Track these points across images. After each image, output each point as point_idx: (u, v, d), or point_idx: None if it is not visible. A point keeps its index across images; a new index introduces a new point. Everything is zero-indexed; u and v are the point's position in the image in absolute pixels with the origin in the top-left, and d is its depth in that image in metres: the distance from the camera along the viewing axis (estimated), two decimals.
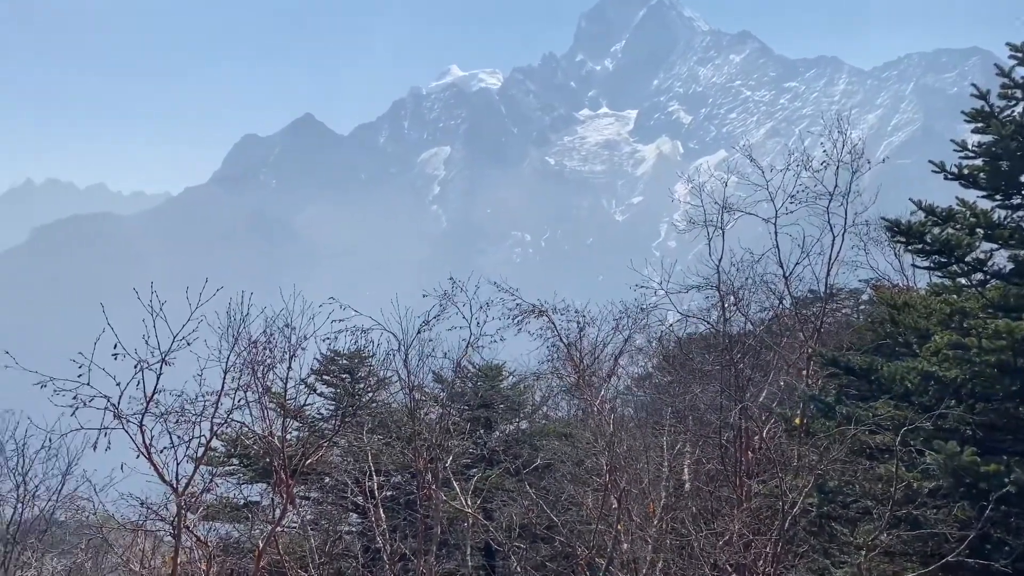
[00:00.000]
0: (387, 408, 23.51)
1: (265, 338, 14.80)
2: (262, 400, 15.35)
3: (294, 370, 15.53)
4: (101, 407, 12.08)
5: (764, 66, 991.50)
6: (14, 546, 14.82)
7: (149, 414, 12.70)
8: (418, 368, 20.16)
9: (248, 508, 22.29)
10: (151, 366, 12.40)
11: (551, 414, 31.68)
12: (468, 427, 24.01)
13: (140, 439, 12.68)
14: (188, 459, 13.64)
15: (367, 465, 18.74)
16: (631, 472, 18.13)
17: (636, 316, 27.49)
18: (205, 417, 13.67)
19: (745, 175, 22.66)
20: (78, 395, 11.87)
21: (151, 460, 12.94)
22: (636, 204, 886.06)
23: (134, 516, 16.27)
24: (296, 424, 21.37)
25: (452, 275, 19.23)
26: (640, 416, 25.17)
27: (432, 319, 18.66)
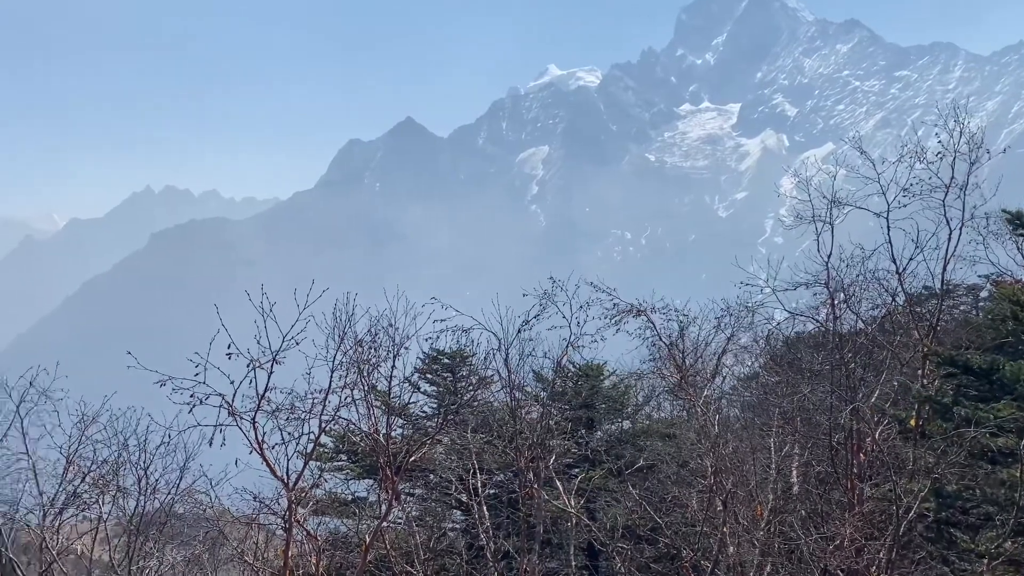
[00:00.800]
0: (488, 407, 23.67)
1: (370, 337, 15.10)
2: (368, 398, 15.67)
3: (398, 369, 15.80)
4: (216, 405, 12.58)
5: (873, 55, 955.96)
6: (137, 537, 15.56)
7: (261, 411, 13.14)
8: (519, 367, 20.24)
9: (355, 504, 22.81)
10: (263, 365, 12.83)
11: (654, 414, 31.31)
12: (569, 427, 23.97)
13: (253, 435, 13.14)
14: (298, 455, 14.04)
15: (470, 463, 18.91)
16: (737, 474, 17.74)
17: (740, 315, 26.85)
18: (314, 414, 14.05)
19: (854, 168, 21.82)
20: (195, 393, 12.39)
21: (263, 456, 13.39)
22: (740, 200, 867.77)
23: (247, 510, 16.87)
24: (401, 422, 21.75)
25: (551, 275, 19.20)
26: (746, 417, 24.61)
27: (532, 319, 18.68)
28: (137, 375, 12.81)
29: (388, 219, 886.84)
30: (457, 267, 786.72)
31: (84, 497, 15.44)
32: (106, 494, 15.66)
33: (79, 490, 15.30)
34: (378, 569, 18.16)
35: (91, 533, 15.71)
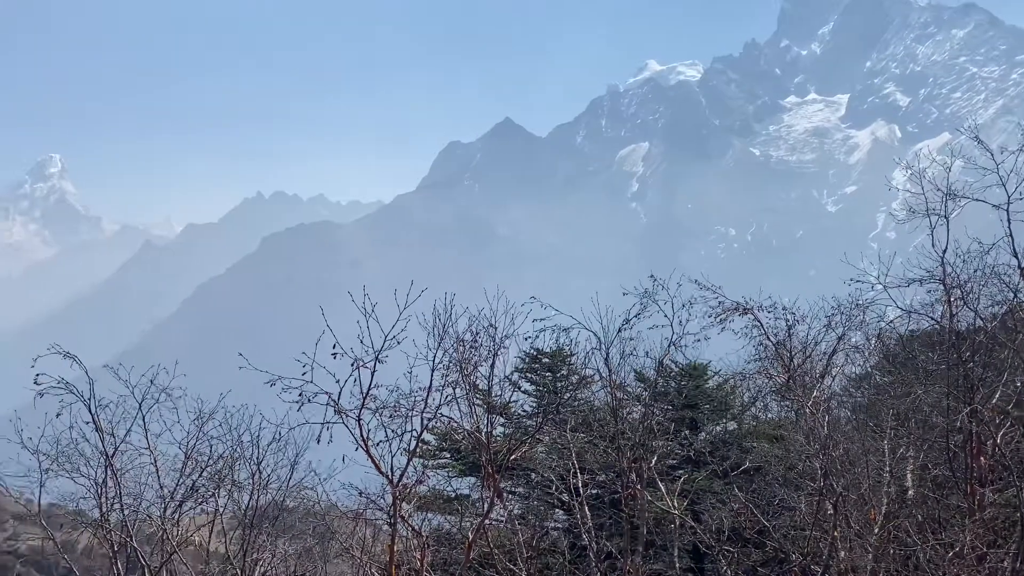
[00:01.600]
0: (589, 406, 23.57)
1: (471, 337, 15.25)
2: (470, 397, 15.83)
3: (498, 368, 15.91)
4: (323, 403, 12.95)
5: (992, 39, 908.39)
6: (251, 529, 16.13)
7: (366, 409, 13.45)
8: (620, 367, 20.05)
9: (459, 501, 23.08)
10: (366, 364, 13.13)
11: (760, 415, 30.58)
12: (672, 427, 23.64)
13: (358, 432, 13.47)
14: (402, 452, 14.30)
15: (571, 463, 18.88)
16: (848, 477, 17.15)
17: (851, 313, 25.92)
18: (416, 412, 14.28)
19: (972, 158, 20.77)
20: (303, 392, 12.78)
21: (368, 452, 13.70)
22: (850, 194, 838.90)
23: (354, 505, 17.29)
24: (502, 420, 21.88)
25: (653, 273, 18.96)
26: (858, 418, 23.76)
27: (633, 318, 18.48)
28: (249, 373, 13.30)
29: (488, 219, 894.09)
30: (557, 266, 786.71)
31: (202, 491, 16.09)
32: (222, 488, 16.28)
33: (197, 484, 15.95)
34: (481, 566, 18.33)
35: (208, 525, 16.38)
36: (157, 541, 15.71)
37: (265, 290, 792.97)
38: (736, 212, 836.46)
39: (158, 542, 15.69)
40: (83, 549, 16.84)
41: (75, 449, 14.99)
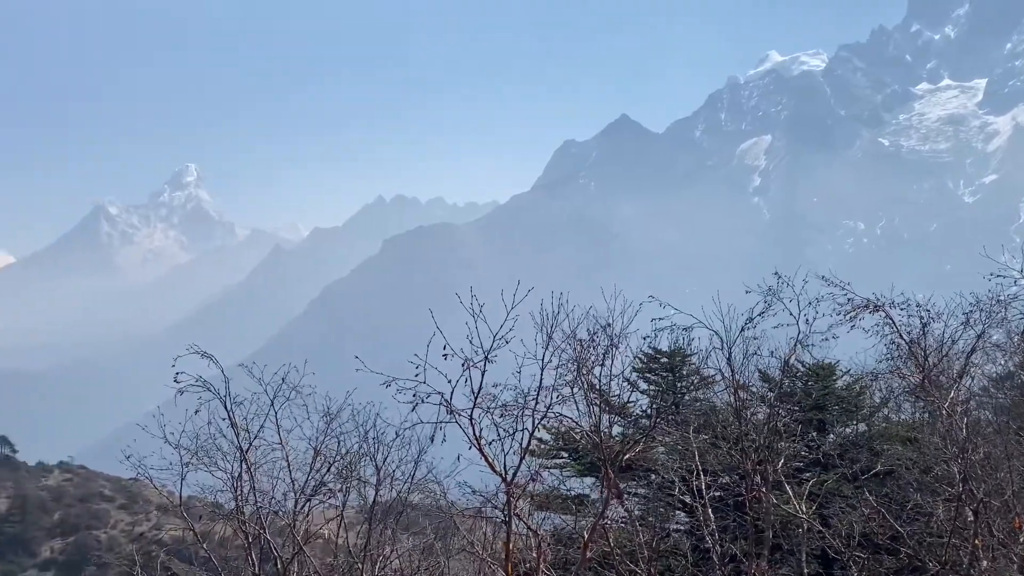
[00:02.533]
0: (711, 407, 23.10)
1: (589, 336, 15.18)
2: (588, 396, 15.77)
3: (616, 367, 15.77)
4: (436, 403, 13.16)
5: None
6: (375, 524, 16.52)
7: (477, 408, 13.59)
8: (742, 367, 19.56)
9: (576, 500, 23.03)
10: (476, 364, 13.27)
11: (892, 417, 29.26)
12: (799, 429, 22.90)
13: (471, 432, 13.62)
14: (516, 451, 14.38)
15: (693, 464, 18.55)
16: (990, 482, 16.19)
17: (991, 309, 24.45)
18: (528, 411, 14.32)
19: None
20: (416, 392, 13.02)
21: (482, 451, 13.83)
22: (989, 184, 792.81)
23: (474, 503, 17.48)
24: (620, 420, 21.71)
25: (777, 269, 18.40)
26: (1000, 420, 22.42)
27: (756, 316, 17.98)
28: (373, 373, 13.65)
29: (603, 217, 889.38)
30: (675, 264, 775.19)
31: (329, 486, 16.59)
32: (348, 484, 16.75)
33: (325, 479, 16.44)
34: (600, 567, 18.22)
35: (336, 520, 16.88)
36: (288, 534, 16.29)
37: (386, 291, 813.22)
38: (865, 205, 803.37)
39: (289, 534, 16.27)
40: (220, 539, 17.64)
41: (212, 444, 15.72)
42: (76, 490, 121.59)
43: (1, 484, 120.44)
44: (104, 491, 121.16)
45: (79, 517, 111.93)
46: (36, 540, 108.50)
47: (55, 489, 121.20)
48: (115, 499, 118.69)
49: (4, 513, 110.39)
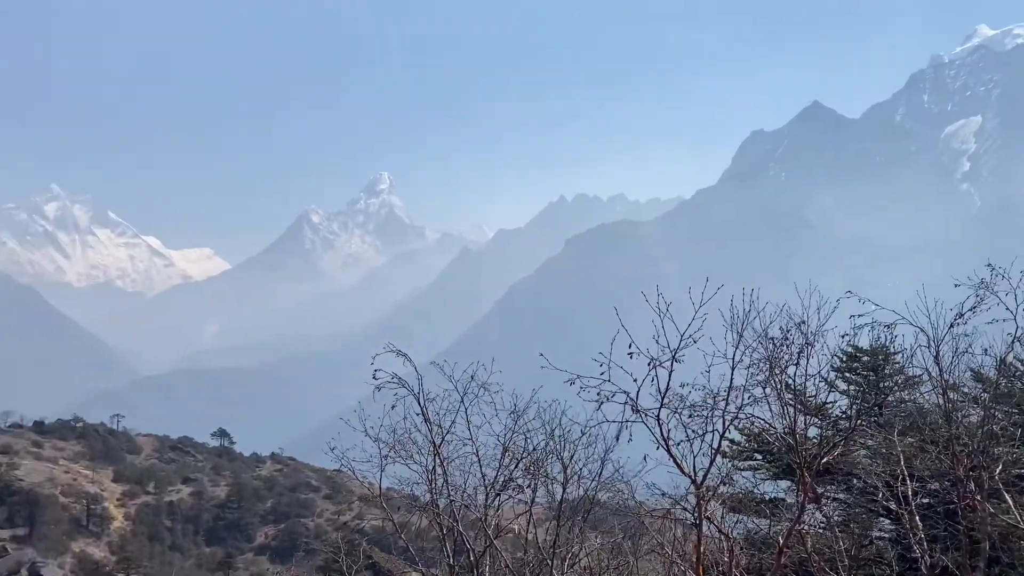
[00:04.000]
0: (917, 408, 21.63)
1: (782, 334, 14.60)
2: (782, 396, 15.17)
3: (811, 367, 15.06)
4: (621, 402, 13.05)
5: None
6: (563, 522, 16.64)
7: (665, 408, 13.36)
8: (952, 366, 18.15)
9: (770, 503, 22.24)
10: (662, 363, 13.05)
11: None
12: (1020, 433, 21.02)
13: (658, 432, 13.41)
14: (705, 452, 14.04)
15: (898, 468, 17.43)
16: None
17: None
18: (718, 412, 13.95)
19: None
20: (601, 391, 12.97)
21: (670, 452, 13.60)
22: None
23: (662, 504, 17.25)
24: (816, 421, 20.74)
25: (990, 260, 16.93)
26: None
27: (967, 311, 16.63)
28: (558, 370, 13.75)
29: (795, 209, 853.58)
30: (873, 256, 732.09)
31: (518, 482, 16.87)
32: (536, 480, 16.97)
33: (513, 475, 16.74)
34: (797, 573, 17.49)
35: (525, 515, 17.16)
36: (480, 527, 16.71)
37: (569, 289, 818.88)
38: None
39: (481, 528, 16.68)
40: (416, 531, 18.36)
41: (408, 438, 16.35)
42: (286, 480, 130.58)
43: (221, 473, 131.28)
44: (311, 481, 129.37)
45: (289, 505, 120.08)
46: (252, 525, 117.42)
47: (267, 479, 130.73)
48: (321, 489, 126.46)
49: (224, 500, 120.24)
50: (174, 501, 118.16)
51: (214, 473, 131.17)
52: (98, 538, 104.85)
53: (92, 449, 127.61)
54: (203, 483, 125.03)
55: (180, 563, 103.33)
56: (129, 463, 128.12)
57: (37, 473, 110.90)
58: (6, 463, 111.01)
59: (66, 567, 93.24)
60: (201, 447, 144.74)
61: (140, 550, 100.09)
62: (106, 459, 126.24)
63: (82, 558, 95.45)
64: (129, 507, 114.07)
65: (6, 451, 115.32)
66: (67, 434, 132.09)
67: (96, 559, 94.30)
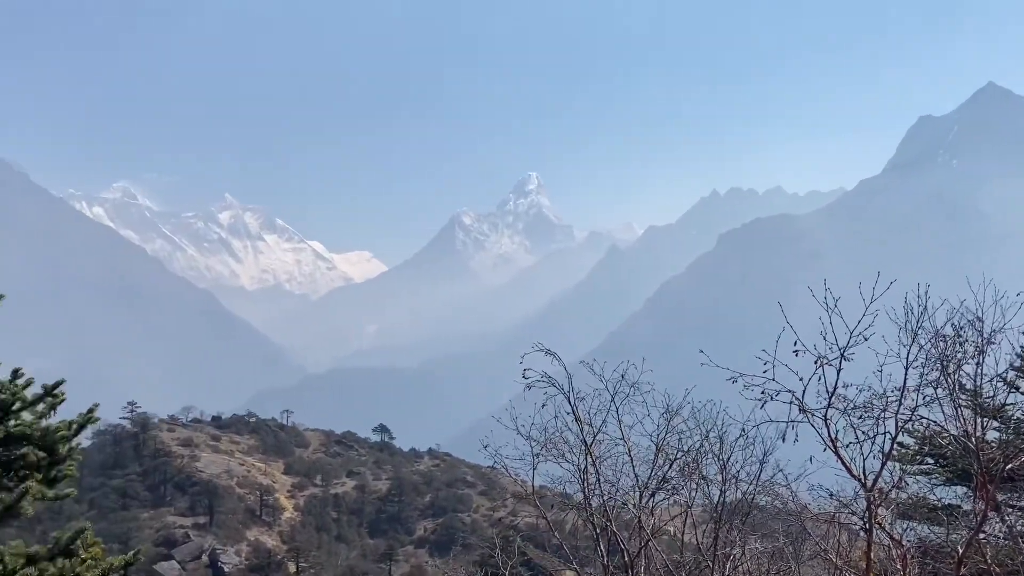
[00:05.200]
0: None
1: (953, 332, 13.69)
2: (955, 397, 14.23)
3: (988, 366, 14.03)
4: (786, 401, 12.58)
5: None
6: (721, 524, 16.27)
7: (832, 408, 12.80)
8: None
9: (946, 511, 20.92)
10: (830, 362, 12.50)
11: None
12: None
13: (825, 433, 12.87)
14: (876, 455, 13.36)
15: None
16: None
17: None
18: (890, 413, 13.24)
19: None
20: (765, 390, 12.54)
21: (838, 454, 13.02)
22: None
23: (827, 507, 16.56)
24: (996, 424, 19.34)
25: None
26: None
27: None
28: (711, 369, 13.43)
29: (968, 198, 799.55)
30: None
31: (672, 482, 16.60)
32: (691, 481, 16.65)
33: (667, 475, 16.49)
34: None
35: (680, 517, 16.87)
36: (634, 527, 16.56)
37: (723, 287, 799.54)
38: None
39: (635, 528, 16.53)
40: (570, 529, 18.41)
41: (559, 437, 16.41)
42: (443, 475, 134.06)
43: (382, 467, 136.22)
44: (467, 477, 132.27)
45: (446, 500, 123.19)
46: (411, 519, 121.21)
47: (425, 474, 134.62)
48: (476, 485, 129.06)
49: (386, 493, 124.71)
50: (339, 494, 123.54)
51: (376, 467, 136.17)
52: (270, 527, 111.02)
53: (264, 443, 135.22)
54: (366, 477, 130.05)
55: (346, 553, 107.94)
56: (298, 456, 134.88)
57: (215, 465, 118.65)
58: (188, 455, 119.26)
59: (242, 554, 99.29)
60: (363, 442, 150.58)
61: (308, 540, 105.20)
62: (277, 452, 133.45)
63: (256, 546, 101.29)
64: (298, 498, 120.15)
65: (187, 444, 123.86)
66: (242, 428, 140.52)
67: (268, 547, 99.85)
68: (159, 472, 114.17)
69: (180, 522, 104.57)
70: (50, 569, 7.81)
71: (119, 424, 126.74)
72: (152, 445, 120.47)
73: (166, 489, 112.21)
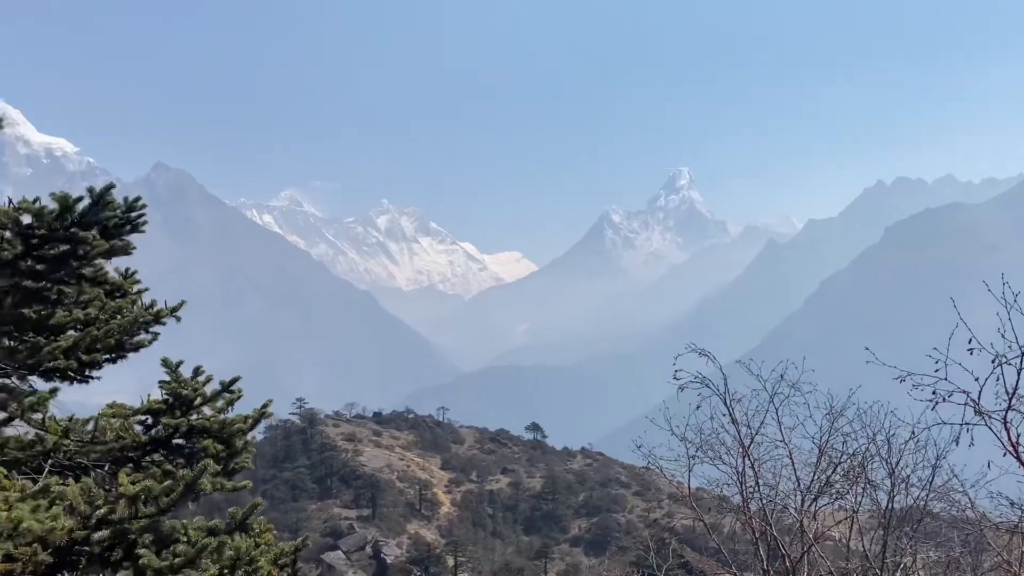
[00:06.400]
0: None
1: None
2: None
3: None
4: (960, 403, 11.79)
5: None
6: (890, 531, 15.49)
7: (1013, 411, 11.91)
8: None
9: None
10: (1009, 361, 11.63)
11: None
12: None
13: (1005, 437, 11.99)
14: None
15: None
16: None
17: None
18: None
19: None
20: (936, 390, 11.81)
21: (1020, 459, 12.10)
22: None
23: (1009, 516, 15.45)
24: None
25: None
26: None
27: None
28: (877, 368, 12.78)
29: None
30: None
31: (836, 487, 15.94)
32: (857, 486, 15.93)
33: (830, 479, 15.85)
34: None
35: (846, 522, 16.16)
36: (795, 532, 16.01)
37: (890, 281, 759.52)
38: None
39: (796, 533, 15.98)
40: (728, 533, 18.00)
41: (715, 438, 16.07)
42: (596, 475, 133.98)
43: (535, 465, 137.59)
44: (620, 477, 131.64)
45: (600, 500, 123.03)
46: (565, 517, 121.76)
47: (579, 472, 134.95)
48: (631, 485, 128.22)
49: (539, 491, 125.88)
50: (494, 490, 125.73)
51: (529, 465, 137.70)
52: (429, 521, 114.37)
53: (422, 439, 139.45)
54: (520, 474, 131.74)
55: (501, 549, 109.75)
56: (454, 453, 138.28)
57: (377, 459, 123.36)
58: (351, 450, 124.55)
59: (403, 546, 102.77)
60: (516, 440, 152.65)
61: (465, 535, 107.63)
62: (434, 448, 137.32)
63: (416, 539, 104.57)
64: (455, 494, 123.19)
65: (351, 439, 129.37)
66: (401, 424, 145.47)
67: (428, 541, 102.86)
68: (325, 465, 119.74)
69: (345, 514, 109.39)
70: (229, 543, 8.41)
71: (288, 419, 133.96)
72: (319, 439, 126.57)
73: (332, 482, 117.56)
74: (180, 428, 10.35)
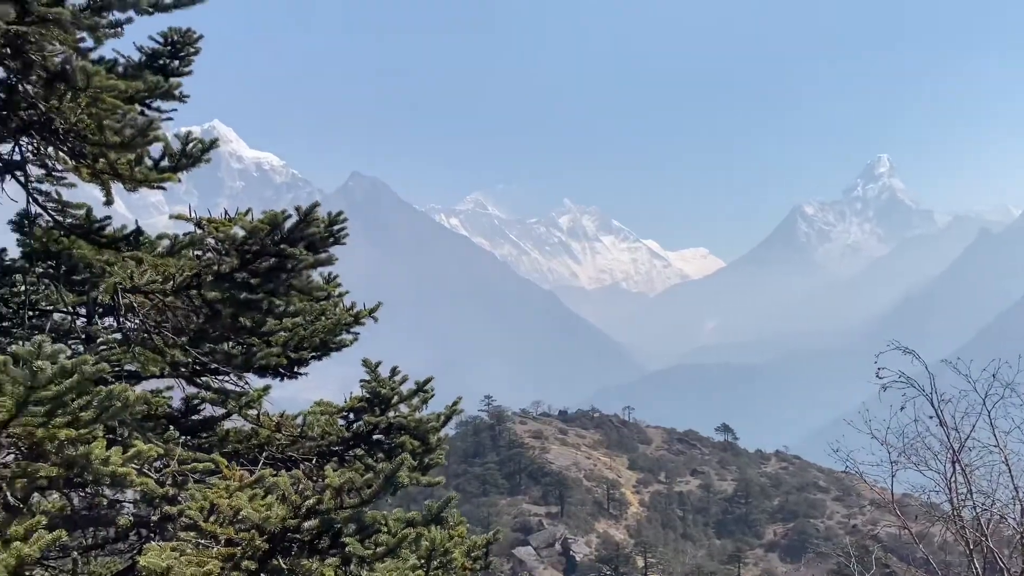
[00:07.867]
0: None
1: None
2: None
3: None
4: None
5: None
6: None
7: None
8: None
9: None
10: None
11: None
12: None
13: None
14: None
15: None
16: None
17: None
18: None
19: None
20: None
21: None
22: None
23: None
24: None
25: None
26: None
27: None
28: None
29: None
30: None
31: None
32: None
33: None
34: None
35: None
36: (1015, 545, 14.79)
37: None
38: None
39: (1017, 546, 14.76)
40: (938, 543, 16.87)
41: (921, 442, 15.12)
42: (792, 478, 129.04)
43: (727, 468, 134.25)
44: (819, 482, 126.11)
45: (797, 504, 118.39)
46: (759, 522, 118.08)
47: (773, 476, 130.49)
48: (830, 490, 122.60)
49: (731, 494, 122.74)
50: (684, 492, 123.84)
51: (720, 467, 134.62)
52: (617, 521, 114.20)
53: (608, 438, 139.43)
54: (710, 476, 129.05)
55: (692, 552, 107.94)
56: (641, 453, 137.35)
57: (564, 457, 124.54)
58: (539, 447, 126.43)
59: (591, 545, 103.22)
60: (706, 440, 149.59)
61: (655, 536, 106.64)
62: (620, 448, 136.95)
63: (605, 538, 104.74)
64: (643, 494, 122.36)
65: (538, 436, 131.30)
66: (586, 423, 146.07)
67: (616, 540, 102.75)
68: (514, 462, 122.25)
69: (534, 510, 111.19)
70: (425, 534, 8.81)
71: (477, 416, 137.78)
72: (507, 436, 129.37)
73: (520, 478, 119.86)
74: (380, 425, 10.97)
